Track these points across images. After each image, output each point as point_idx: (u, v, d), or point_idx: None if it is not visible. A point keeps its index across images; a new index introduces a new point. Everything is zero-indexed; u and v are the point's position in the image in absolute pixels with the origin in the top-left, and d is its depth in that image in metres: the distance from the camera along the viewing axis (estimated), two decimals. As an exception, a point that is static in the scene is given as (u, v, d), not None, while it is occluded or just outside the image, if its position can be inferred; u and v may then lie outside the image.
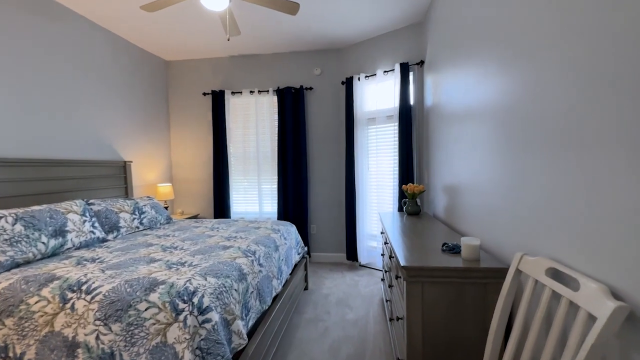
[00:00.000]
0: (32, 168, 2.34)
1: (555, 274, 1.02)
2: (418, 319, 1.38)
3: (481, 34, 1.69)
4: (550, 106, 1.08)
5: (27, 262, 1.75)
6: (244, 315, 1.58)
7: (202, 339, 1.28)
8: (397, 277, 1.64)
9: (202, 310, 1.32)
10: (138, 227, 2.62)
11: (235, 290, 1.56)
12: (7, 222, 1.74)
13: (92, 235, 2.15)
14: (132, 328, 1.29)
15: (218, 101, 3.93)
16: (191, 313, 1.30)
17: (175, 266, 1.65)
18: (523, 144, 1.26)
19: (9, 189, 2.17)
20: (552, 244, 1.07)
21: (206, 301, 1.35)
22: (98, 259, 1.81)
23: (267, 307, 1.89)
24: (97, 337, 1.30)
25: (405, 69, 3.19)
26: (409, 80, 3.22)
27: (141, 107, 3.67)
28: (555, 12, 1.05)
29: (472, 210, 1.85)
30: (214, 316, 1.33)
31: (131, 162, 3.37)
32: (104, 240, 2.26)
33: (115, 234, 2.39)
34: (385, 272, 2.36)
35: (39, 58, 2.49)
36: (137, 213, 2.67)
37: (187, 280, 1.44)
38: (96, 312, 1.33)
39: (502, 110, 1.44)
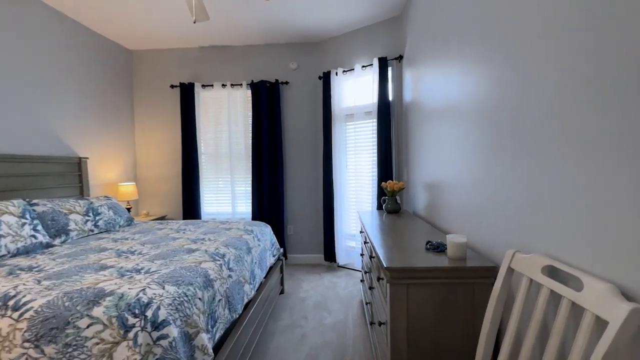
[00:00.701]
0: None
1: (552, 273, 0.94)
2: (403, 323, 1.27)
3: (463, 28, 1.63)
4: (535, 102, 1.00)
5: (-55, 274, 1.47)
6: (209, 327, 1.40)
7: (156, 359, 1.09)
8: (379, 279, 1.52)
9: (157, 325, 1.13)
10: (92, 230, 2.34)
11: (200, 299, 1.37)
12: None
13: (34, 240, 1.87)
14: (70, 350, 1.08)
15: (187, 94, 3.67)
16: (143, 329, 1.11)
17: (129, 274, 1.44)
18: (510, 139, 1.18)
19: None
20: (547, 240, 0.98)
21: (162, 314, 1.16)
22: (36, 267, 1.55)
23: (237, 316, 1.71)
24: (26, 363, 1.08)
25: (383, 64, 3.11)
26: (387, 75, 3.14)
27: (101, 99, 3.34)
28: (541, 8, 0.98)
29: (455, 207, 1.77)
30: (172, 331, 1.15)
31: (87, 158, 3.05)
32: (49, 245, 1.98)
33: (63, 238, 2.11)
34: (365, 273, 2.25)
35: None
36: (91, 214, 2.39)
37: (141, 290, 1.24)
38: (25, 332, 1.11)
39: (487, 107, 1.37)
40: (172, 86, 3.74)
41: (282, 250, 2.90)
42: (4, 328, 1.12)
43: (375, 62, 3.13)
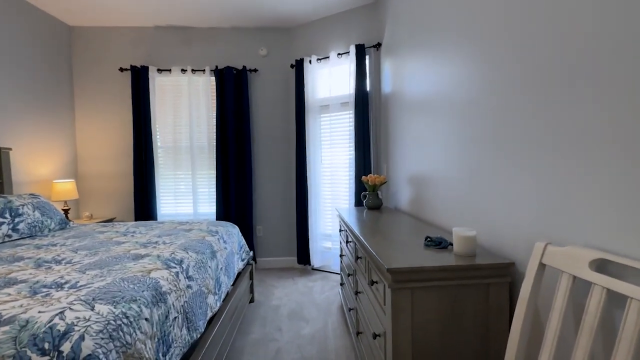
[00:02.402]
0: None
1: (600, 267, 0.76)
2: (407, 336, 1.04)
3: (445, 16, 1.55)
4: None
5: None
6: (161, 355, 1.07)
7: (76, 413, 0.76)
8: (372, 283, 1.29)
9: (79, 364, 0.79)
10: (9, 236, 1.86)
11: (147, 319, 1.04)
12: None
13: None
14: None
15: (140, 79, 3.21)
16: (56, 371, 0.76)
17: (45, 290, 1.07)
18: (511, 128, 1.01)
19: None
20: (587, 228, 0.81)
21: (87, 346, 0.82)
22: None
23: (199, 335, 1.39)
24: None
25: (361, 51, 2.92)
26: (365, 64, 2.96)
27: (31, 80, 2.79)
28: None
29: (448, 200, 1.60)
30: (102, 370, 0.81)
31: (10, 149, 2.50)
32: (-59, 256, 1.50)
33: (-36, 246, 1.63)
34: (349, 275, 2.01)
35: None
36: (8, 216, 1.91)
37: (57, 314, 0.89)
38: None
39: (483, 94, 1.21)
40: (121, 69, 3.26)
41: (251, 253, 2.58)
42: None
43: (352, 50, 2.93)
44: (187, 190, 3.39)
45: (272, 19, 3.20)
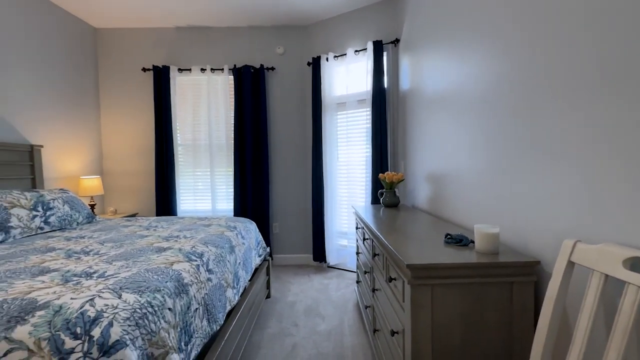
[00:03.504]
0: None
1: (635, 266, 0.72)
2: (427, 333, 1.03)
3: (468, 8, 1.47)
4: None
5: None
6: (183, 344, 1.10)
7: (106, 396, 0.79)
8: (390, 280, 1.28)
9: (108, 349, 0.83)
10: (41, 228, 1.96)
11: (170, 309, 1.08)
12: None
13: (-42, 239, 1.49)
14: (-23, 388, 0.76)
15: (161, 79, 3.30)
16: (87, 355, 0.80)
17: (75, 279, 1.12)
18: (537, 124, 0.97)
19: None
20: (617, 225, 0.77)
21: (116, 332, 0.86)
22: (-48, 273, 1.19)
23: (218, 328, 1.42)
24: None
25: (378, 48, 2.89)
26: (382, 61, 2.93)
27: (60, 81, 2.93)
28: None
29: (469, 197, 1.56)
30: (129, 355, 0.85)
31: (42, 147, 2.64)
32: (-19, 245, 1.60)
33: (1, 237, 1.72)
34: (365, 273, 2.00)
35: None
36: (40, 209, 2.01)
37: (88, 301, 0.93)
38: None
39: (502, 93, 1.17)
40: (144, 69, 3.36)
41: (268, 249, 2.61)
42: None
43: (370, 46, 2.91)
44: (206, 187, 3.47)
45: (289, 17, 3.21)
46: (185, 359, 1.11)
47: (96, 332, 0.84)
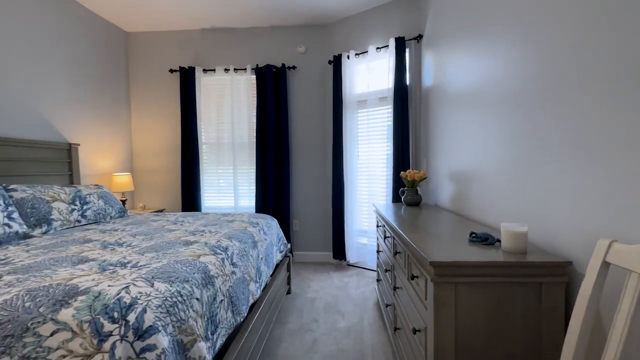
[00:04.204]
0: None
1: (678, 268, 0.69)
2: (450, 331, 1.02)
3: (495, 3, 1.41)
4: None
5: None
6: (209, 333, 1.15)
7: (140, 377, 0.84)
8: (412, 277, 1.27)
9: (142, 333, 0.88)
10: (79, 221, 2.10)
11: (197, 299, 1.12)
12: None
13: (7, 230, 1.62)
14: (28, 364, 0.83)
15: (187, 79, 3.42)
16: (123, 338, 0.86)
17: (112, 268, 1.19)
18: (570, 120, 0.93)
19: None
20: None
21: (149, 318, 0.91)
22: (4, 259, 1.30)
23: (242, 319, 1.46)
24: (-28, 380, 0.83)
25: (401, 44, 2.86)
26: (405, 57, 2.89)
27: (95, 82, 3.10)
28: None
29: (495, 196, 1.52)
30: (161, 340, 0.90)
31: (78, 145, 2.81)
32: (27, 236, 1.73)
33: (44, 228, 1.86)
34: (386, 271, 1.99)
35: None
36: (78, 203, 2.14)
37: (124, 288, 0.99)
38: (-29, 340, 0.86)
39: (531, 88, 1.12)
40: (171, 70, 3.50)
41: (289, 246, 2.65)
42: (-55, 335, 0.87)
43: (392, 43, 2.88)
44: (229, 184, 3.56)
45: (310, 16, 3.23)
46: (212, 348, 1.16)
47: (131, 317, 0.89)
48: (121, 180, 3.15)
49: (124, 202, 3.17)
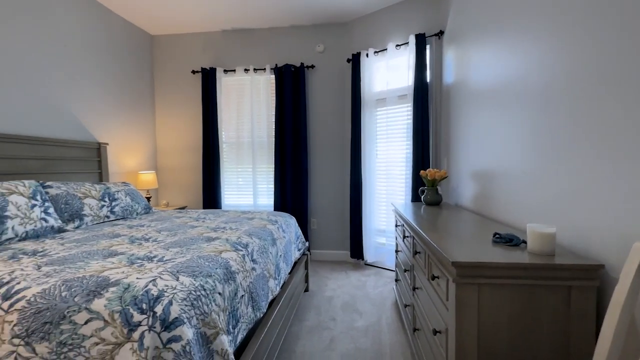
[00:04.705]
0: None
1: None
2: (472, 333, 0.99)
3: None
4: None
5: (-56, 256, 1.33)
6: (231, 327, 1.18)
7: (166, 366, 0.88)
8: (433, 278, 1.25)
9: (169, 324, 0.91)
10: (108, 217, 2.20)
11: (220, 293, 1.16)
12: None
13: (44, 224, 1.73)
14: (65, 350, 0.88)
15: (209, 80, 3.51)
16: (151, 328, 0.89)
17: (139, 261, 1.24)
18: (603, 118, 0.88)
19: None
20: None
21: (175, 310, 0.95)
22: (41, 251, 1.39)
23: (262, 315, 1.49)
24: (16, 363, 0.89)
25: (421, 41, 2.81)
26: (425, 54, 2.83)
27: (122, 84, 3.23)
28: None
29: (521, 195, 1.47)
30: (186, 332, 0.93)
31: (107, 144, 2.94)
32: (61, 230, 1.84)
33: (76, 223, 1.96)
34: (405, 271, 1.97)
35: (-12, 11, 2.06)
36: (107, 200, 2.25)
37: (151, 281, 1.03)
38: (15, 325, 0.92)
39: (559, 84, 1.07)
40: (193, 72, 3.60)
41: (307, 244, 2.67)
42: (-9, 320, 0.94)
43: (412, 40, 2.83)
44: (248, 183, 3.62)
45: (329, 14, 3.23)
46: (233, 342, 1.19)
47: (159, 309, 0.93)
48: (146, 178, 3.28)
49: (148, 199, 3.30)
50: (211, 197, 3.57)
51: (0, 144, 2.04)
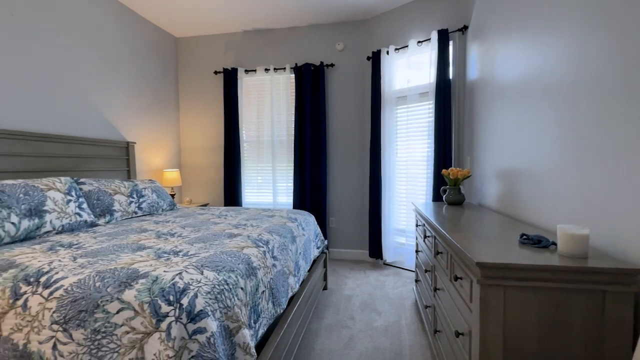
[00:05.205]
0: (13, 141, 2.04)
1: None
2: (497, 337, 0.97)
3: None
4: None
5: (-8, 246, 1.44)
6: (252, 322, 1.21)
7: (192, 357, 0.91)
8: (456, 279, 1.22)
9: (194, 316, 0.95)
10: (136, 212, 2.30)
11: (242, 288, 1.18)
12: (-34, 195, 1.43)
13: (78, 218, 1.83)
14: (98, 337, 0.93)
15: (230, 80, 3.58)
16: (178, 319, 0.93)
17: (166, 255, 1.29)
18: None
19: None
20: None
21: (200, 303, 0.98)
22: (76, 244, 1.47)
23: (282, 311, 1.51)
24: (55, 347, 0.95)
25: (444, 37, 2.74)
26: (448, 50, 2.77)
27: (147, 85, 3.36)
28: None
29: (550, 195, 1.40)
30: (210, 324, 0.96)
31: (135, 143, 3.07)
32: (94, 224, 1.93)
33: (107, 218, 2.06)
34: (426, 271, 1.94)
35: (34, 25, 2.19)
36: (135, 196, 2.35)
37: (177, 274, 1.07)
38: (54, 312, 0.98)
39: (595, 77, 1.01)
40: (215, 72, 3.68)
41: (326, 242, 2.68)
42: (33, 307, 1.01)
43: (434, 36, 2.77)
44: (267, 181, 3.67)
45: (349, 12, 3.21)
46: (254, 336, 1.22)
47: (185, 301, 0.96)
48: (171, 176, 3.39)
49: (172, 196, 3.41)
50: (232, 194, 3.64)
51: (39, 143, 2.18)
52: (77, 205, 1.87)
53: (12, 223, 1.51)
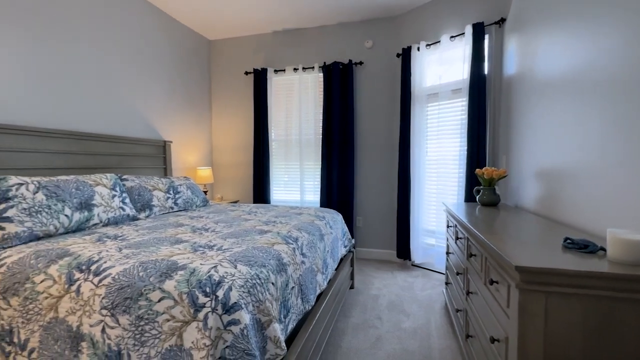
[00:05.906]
0: (67, 140, 2.22)
1: None
2: (537, 345, 0.92)
3: None
4: None
5: (48, 236, 1.58)
6: (282, 316, 1.23)
7: (227, 347, 0.95)
8: (491, 283, 1.18)
9: (229, 308, 0.98)
10: (172, 208, 2.42)
11: (273, 283, 1.21)
12: (27, 189, 1.58)
13: (122, 212, 1.96)
14: (142, 323, 1.00)
15: (260, 80, 3.66)
16: (214, 310, 0.97)
17: (201, 249, 1.35)
18: None
19: (39, 161, 2.05)
20: None
21: (234, 296, 1.02)
22: (121, 236, 1.58)
23: (310, 307, 1.53)
24: (103, 330, 1.03)
25: (479, 31, 2.63)
26: (483, 45, 2.65)
27: (183, 87, 3.52)
28: None
29: (597, 197, 1.31)
30: (244, 317, 0.99)
31: (171, 142, 3.23)
32: (135, 218, 2.07)
33: (147, 212, 2.19)
34: (457, 274, 1.88)
35: (80, 30, 2.37)
36: (171, 192, 2.48)
37: (213, 267, 1.12)
38: (103, 298, 1.06)
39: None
40: (246, 73, 3.78)
41: (353, 241, 2.67)
42: (85, 292, 1.10)
43: (469, 30, 2.66)
44: (295, 179, 3.72)
45: (378, 9, 3.17)
46: (284, 331, 1.24)
47: (220, 293, 1.00)
48: (204, 174, 3.53)
49: (205, 192, 3.55)
50: (261, 192, 3.73)
51: (89, 142, 2.36)
52: (121, 200, 2.00)
53: (66, 215, 1.65)
